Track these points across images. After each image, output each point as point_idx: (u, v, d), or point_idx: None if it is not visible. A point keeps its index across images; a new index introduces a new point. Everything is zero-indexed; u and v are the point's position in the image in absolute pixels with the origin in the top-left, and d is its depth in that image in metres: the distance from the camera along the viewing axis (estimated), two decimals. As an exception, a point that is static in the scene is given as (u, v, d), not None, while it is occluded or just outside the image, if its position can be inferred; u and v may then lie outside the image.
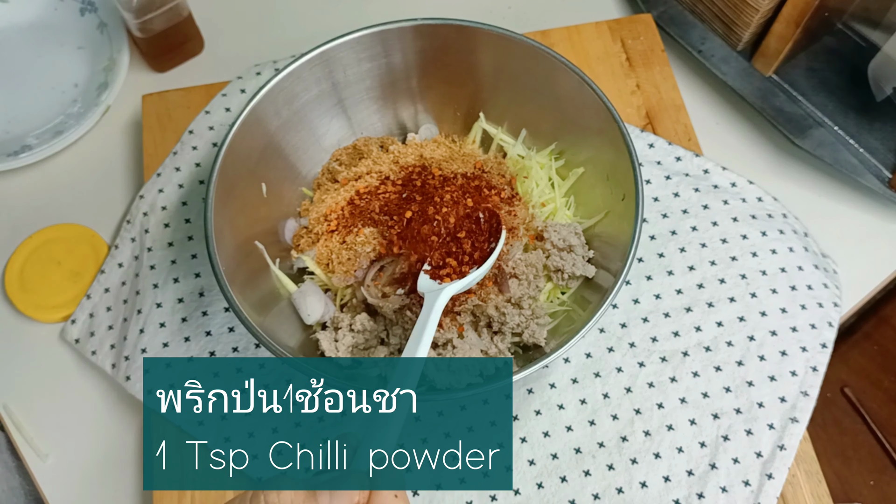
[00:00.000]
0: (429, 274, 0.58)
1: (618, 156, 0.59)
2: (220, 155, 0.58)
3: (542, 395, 0.63)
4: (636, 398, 0.63)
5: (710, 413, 0.62)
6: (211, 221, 0.56)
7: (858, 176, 0.72)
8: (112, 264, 0.70)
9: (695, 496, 0.60)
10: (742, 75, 0.77)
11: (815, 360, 0.64)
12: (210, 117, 0.74)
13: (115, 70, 0.79)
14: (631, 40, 0.79)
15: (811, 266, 0.68)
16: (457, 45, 0.64)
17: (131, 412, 0.66)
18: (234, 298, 0.54)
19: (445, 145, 0.69)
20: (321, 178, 0.69)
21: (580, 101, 0.62)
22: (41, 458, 0.65)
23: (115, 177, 0.77)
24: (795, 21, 0.71)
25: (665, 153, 0.72)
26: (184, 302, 0.67)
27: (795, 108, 0.75)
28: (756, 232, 0.69)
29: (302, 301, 0.62)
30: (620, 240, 0.58)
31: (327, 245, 0.64)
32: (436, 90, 0.69)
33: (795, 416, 0.62)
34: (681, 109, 0.76)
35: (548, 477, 0.60)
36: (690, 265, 0.68)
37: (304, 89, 0.64)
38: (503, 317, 0.59)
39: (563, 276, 0.62)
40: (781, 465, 0.60)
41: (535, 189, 0.66)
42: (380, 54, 0.65)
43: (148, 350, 0.65)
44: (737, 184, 0.71)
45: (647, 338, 0.65)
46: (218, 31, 0.84)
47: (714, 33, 0.79)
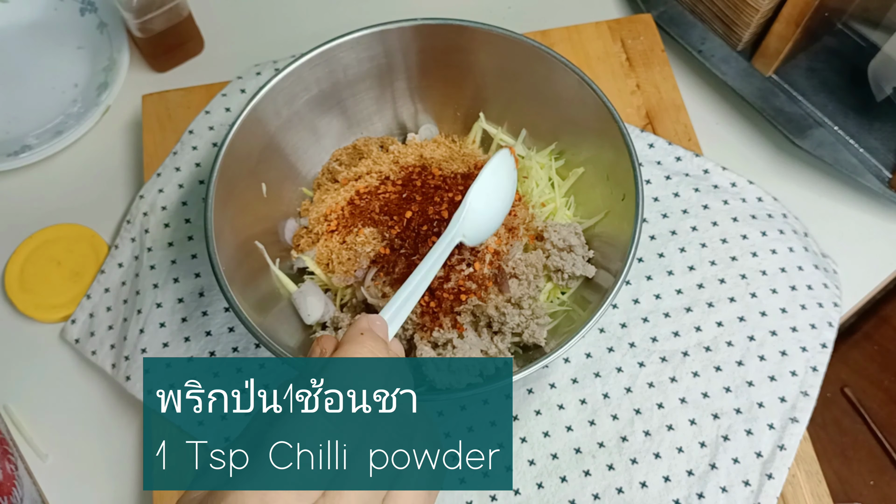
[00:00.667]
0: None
1: (618, 156, 0.59)
2: (220, 155, 0.58)
3: (542, 395, 0.63)
4: (636, 398, 0.63)
5: (710, 413, 0.62)
6: (211, 221, 0.56)
7: (858, 176, 0.72)
8: (112, 264, 0.70)
9: (695, 496, 0.60)
10: (742, 75, 0.77)
11: (815, 360, 0.64)
12: (210, 117, 0.74)
13: (115, 70, 0.79)
14: (631, 40, 0.79)
15: (811, 266, 0.68)
16: (457, 45, 0.64)
17: (131, 412, 0.66)
18: (234, 298, 0.54)
19: (445, 145, 0.69)
20: (321, 178, 0.69)
21: (580, 101, 0.62)
22: (41, 458, 0.65)
23: (115, 177, 0.77)
24: (795, 21, 0.71)
25: (665, 153, 0.72)
26: (184, 302, 0.67)
27: (795, 108, 0.75)
28: (756, 232, 0.69)
29: (302, 301, 0.62)
30: (620, 240, 0.58)
31: (327, 245, 0.64)
32: (436, 90, 0.69)
33: (795, 416, 0.62)
34: (681, 109, 0.76)
35: (548, 477, 0.60)
36: (690, 265, 0.68)
37: (304, 89, 0.64)
38: (503, 317, 0.59)
39: (563, 276, 0.62)
40: (781, 465, 0.60)
41: (535, 189, 0.66)
42: (380, 54, 0.65)
43: (148, 350, 0.65)
44: (737, 184, 0.71)
45: (647, 338, 0.65)
46: (218, 31, 0.84)
47: (714, 33, 0.79)
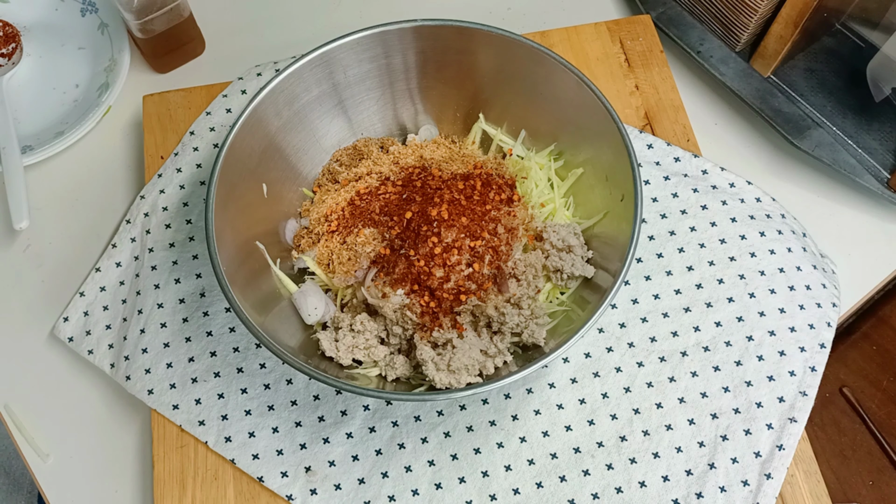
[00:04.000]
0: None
1: (617, 156, 0.60)
2: (220, 156, 0.58)
3: (541, 394, 0.63)
4: (635, 398, 0.63)
5: (709, 413, 0.62)
6: (212, 222, 0.56)
7: (857, 176, 0.73)
8: (109, 263, 0.70)
9: (693, 496, 0.60)
10: (741, 76, 0.78)
11: (813, 360, 0.64)
12: (211, 118, 0.74)
13: (116, 71, 0.79)
14: (630, 41, 0.79)
15: (809, 266, 0.68)
16: (457, 46, 0.65)
17: (131, 412, 0.67)
18: (234, 299, 0.54)
19: (445, 146, 0.70)
20: (321, 178, 0.69)
21: (579, 101, 0.62)
22: (41, 458, 0.65)
23: (116, 177, 0.77)
24: (794, 22, 0.72)
25: (664, 154, 0.73)
26: (185, 302, 0.67)
27: (794, 109, 0.76)
28: (754, 232, 0.69)
29: (303, 301, 0.62)
30: (619, 240, 0.58)
31: (328, 245, 0.64)
32: (436, 91, 0.69)
33: (794, 416, 0.62)
34: (679, 110, 0.76)
35: (547, 476, 0.61)
36: (689, 265, 0.68)
37: (304, 90, 0.64)
38: (503, 317, 0.59)
39: (562, 277, 0.62)
40: (780, 465, 0.61)
41: (535, 189, 0.67)
42: (380, 55, 0.65)
43: (149, 350, 0.65)
44: (735, 184, 0.72)
45: (645, 338, 0.65)
46: (219, 31, 0.84)
47: (713, 34, 0.80)
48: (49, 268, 0.72)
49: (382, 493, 0.60)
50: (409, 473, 0.61)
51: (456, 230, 0.62)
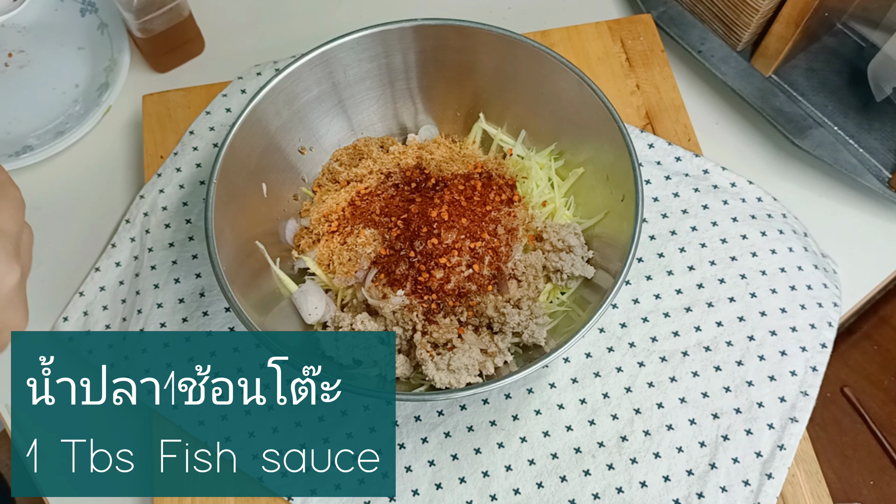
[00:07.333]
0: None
1: (617, 156, 0.59)
2: (220, 155, 0.58)
3: (541, 394, 0.63)
4: (636, 398, 0.63)
5: (710, 413, 0.62)
6: (212, 222, 0.56)
7: (858, 176, 0.72)
8: (109, 263, 0.70)
9: (694, 496, 0.60)
10: (742, 75, 0.77)
11: (814, 360, 0.64)
12: (211, 118, 0.74)
13: (116, 70, 0.79)
14: (631, 41, 0.79)
15: (811, 266, 0.68)
16: (457, 46, 0.65)
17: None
18: (234, 299, 0.54)
19: (445, 146, 0.69)
20: (322, 178, 0.69)
21: (580, 101, 0.62)
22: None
23: (116, 177, 0.77)
24: (795, 21, 0.72)
25: (665, 153, 0.73)
26: (184, 302, 0.67)
27: (795, 109, 0.76)
28: (756, 232, 0.69)
29: (303, 300, 0.62)
30: (620, 240, 0.58)
31: (328, 246, 0.64)
32: (436, 90, 0.69)
33: (795, 416, 0.62)
34: (680, 110, 0.76)
35: (548, 476, 0.61)
36: (690, 265, 0.68)
37: (304, 90, 0.64)
38: (503, 317, 0.59)
39: (562, 277, 0.62)
40: (781, 465, 0.60)
41: (535, 189, 0.66)
42: (380, 55, 0.65)
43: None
44: (736, 184, 0.71)
45: (646, 338, 0.65)
46: (218, 31, 0.84)
47: (714, 33, 0.79)
48: (49, 268, 0.72)
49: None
50: (409, 473, 0.61)
51: (456, 231, 0.61)
